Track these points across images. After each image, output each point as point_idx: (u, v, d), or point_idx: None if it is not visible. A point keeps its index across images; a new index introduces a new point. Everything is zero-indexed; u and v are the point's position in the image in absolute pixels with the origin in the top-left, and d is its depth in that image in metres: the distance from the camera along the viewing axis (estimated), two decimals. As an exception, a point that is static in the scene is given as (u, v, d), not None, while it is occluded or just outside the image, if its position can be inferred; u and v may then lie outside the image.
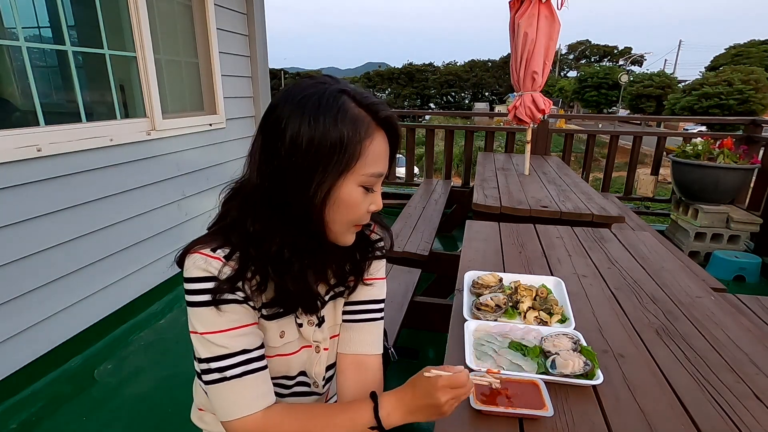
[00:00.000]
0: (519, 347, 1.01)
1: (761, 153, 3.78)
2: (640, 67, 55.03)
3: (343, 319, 0.83)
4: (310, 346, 0.80)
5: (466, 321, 1.11)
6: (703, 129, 14.61)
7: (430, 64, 66.02)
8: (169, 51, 2.83)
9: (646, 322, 1.17)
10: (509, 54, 3.27)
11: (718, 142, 3.63)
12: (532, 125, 3.30)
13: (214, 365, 0.68)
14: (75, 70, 2.17)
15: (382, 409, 0.69)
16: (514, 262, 1.58)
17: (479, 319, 1.14)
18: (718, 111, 22.98)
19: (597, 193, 2.67)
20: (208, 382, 0.69)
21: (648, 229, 3.09)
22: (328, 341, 0.83)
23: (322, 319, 0.80)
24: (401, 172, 5.17)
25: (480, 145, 5.11)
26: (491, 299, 1.20)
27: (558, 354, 0.96)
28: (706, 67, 37.50)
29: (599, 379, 0.90)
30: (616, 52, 62.49)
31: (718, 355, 1.03)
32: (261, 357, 0.71)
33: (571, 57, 69.14)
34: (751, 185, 3.71)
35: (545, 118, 4.00)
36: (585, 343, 1.01)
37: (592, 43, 66.84)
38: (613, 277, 1.47)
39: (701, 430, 0.79)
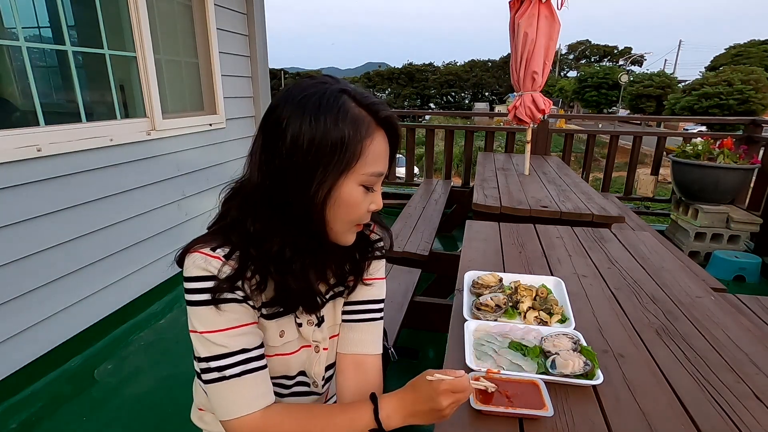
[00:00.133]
0: (519, 347, 1.01)
1: (761, 153, 3.78)
2: (640, 67, 55.12)
3: (343, 319, 0.83)
4: (310, 346, 0.80)
5: (466, 321, 1.11)
6: (703, 129, 14.62)
7: (430, 64, 66.03)
8: (169, 51, 2.83)
9: (646, 322, 1.17)
10: (509, 54, 3.27)
11: (718, 142, 3.63)
12: (532, 125, 3.30)
13: (213, 364, 0.68)
14: (75, 70, 2.17)
15: (382, 411, 0.69)
16: (514, 262, 1.58)
17: (479, 319, 1.14)
18: (718, 111, 23.00)
19: (597, 193, 2.67)
20: (208, 382, 0.69)
21: (648, 229, 3.09)
22: (328, 341, 0.83)
23: (321, 319, 0.81)
24: (401, 172, 5.17)
25: (480, 145, 5.11)
26: (491, 299, 1.20)
27: (558, 354, 0.96)
28: (706, 67, 37.55)
29: (599, 379, 0.90)
30: (616, 52, 62.48)
31: (718, 355, 1.02)
32: (260, 356, 0.71)
33: (571, 57, 69.14)
34: (751, 185, 3.71)
35: (545, 118, 4.00)
36: (585, 343, 1.01)
37: (592, 43, 66.83)
38: (613, 277, 1.47)
39: (701, 430, 0.79)
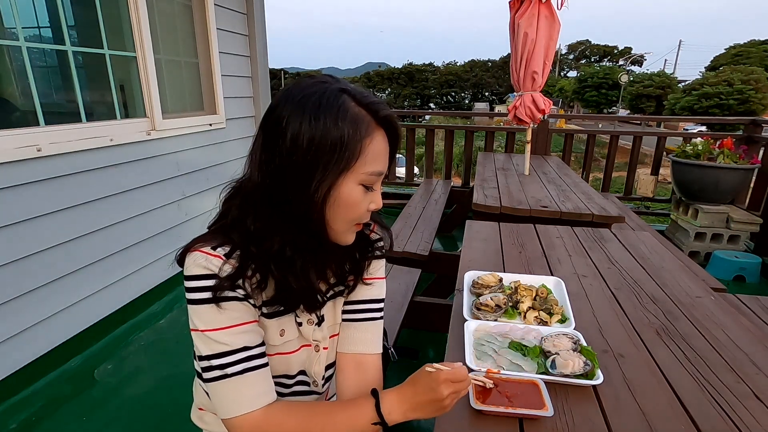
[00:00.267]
0: (519, 347, 1.00)
1: (761, 153, 3.78)
2: (640, 67, 55.12)
3: (343, 319, 0.83)
4: (310, 345, 0.80)
5: (466, 321, 1.11)
6: (703, 129, 14.61)
7: (430, 64, 66.02)
8: (169, 51, 2.83)
9: (646, 322, 1.17)
10: (509, 54, 3.27)
11: (718, 142, 3.63)
12: (532, 125, 3.30)
13: (215, 362, 0.68)
14: (75, 70, 2.17)
15: (383, 405, 0.69)
16: (514, 262, 1.58)
17: (479, 319, 1.14)
18: (718, 111, 23.00)
19: (597, 193, 2.67)
20: (209, 380, 0.69)
21: (648, 229, 3.09)
22: (328, 340, 0.83)
23: (321, 318, 0.81)
24: (401, 172, 5.17)
25: (480, 145, 5.11)
26: (491, 299, 1.20)
27: (558, 354, 0.96)
28: (706, 67, 37.54)
29: (599, 379, 0.90)
30: (616, 52, 62.50)
31: (718, 355, 1.02)
32: (262, 354, 0.71)
33: (571, 57, 69.16)
34: (751, 185, 3.71)
35: (545, 118, 4.00)
36: (585, 343, 1.01)
37: (592, 43, 66.88)
38: (613, 277, 1.47)
39: (701, 430, 0.79)
